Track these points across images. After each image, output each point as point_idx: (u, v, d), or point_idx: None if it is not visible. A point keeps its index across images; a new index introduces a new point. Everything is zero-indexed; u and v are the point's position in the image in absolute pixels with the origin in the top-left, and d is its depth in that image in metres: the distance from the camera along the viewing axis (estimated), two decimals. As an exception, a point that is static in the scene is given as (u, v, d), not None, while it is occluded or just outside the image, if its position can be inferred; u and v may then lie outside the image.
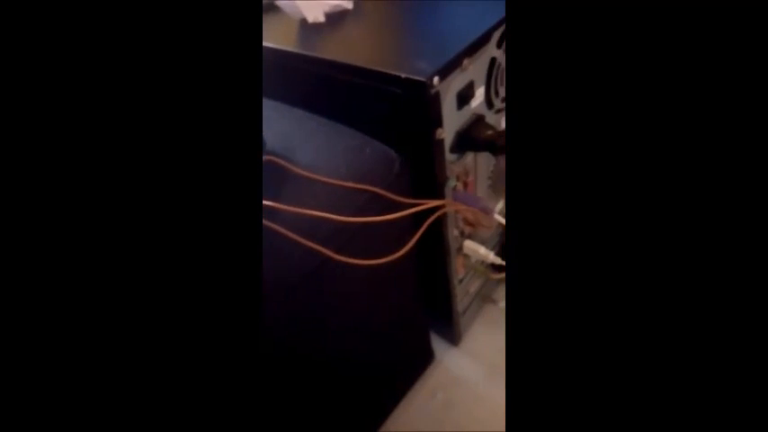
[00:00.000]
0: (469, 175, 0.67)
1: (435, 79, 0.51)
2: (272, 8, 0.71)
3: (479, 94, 0.61)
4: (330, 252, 0.48)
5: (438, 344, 0.89)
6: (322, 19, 0.66)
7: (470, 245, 0.73)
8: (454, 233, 0.70)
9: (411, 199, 0.56)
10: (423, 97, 0.52)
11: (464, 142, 0.60)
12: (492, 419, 0.79)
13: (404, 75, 0.53)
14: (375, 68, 0.55)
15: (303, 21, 0.67)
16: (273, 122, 0.61)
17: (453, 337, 0.88)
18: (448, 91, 0.54)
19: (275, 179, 0.52)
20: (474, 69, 0.57)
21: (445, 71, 0.53)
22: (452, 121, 0.58)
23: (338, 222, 0.48)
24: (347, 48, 0.62)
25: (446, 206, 0.60)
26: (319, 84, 0.63)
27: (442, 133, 0.56)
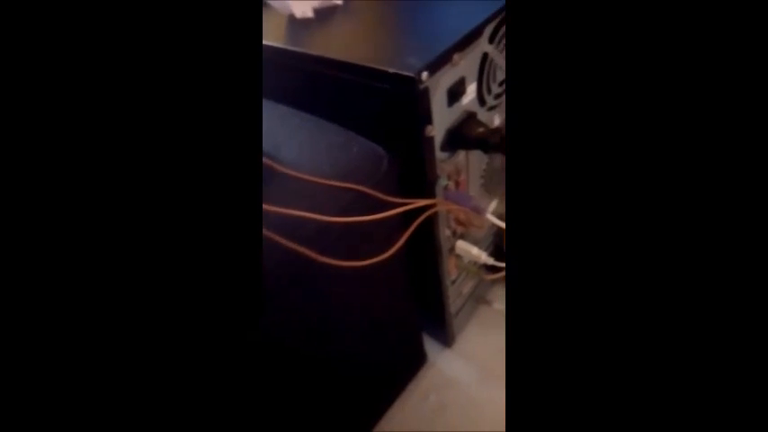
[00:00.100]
0: (461, 174, 0.64)
1: (424, 74, 0.49)
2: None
3: (471, 91, 0.58)
4: (312, 253, 0.45)
5: (431, 345, 0.87)
6: (311, 14, 0.64)
7: (463, 245, 0.71)
8: (446, 233, 0.67)
9: (400, 198, 0.54)
10: (411, 93, 0.50)
11: (455, 140, 0.58)
12: (485, 422, 0.77)
13: (392, 70, 0.50)
14: (362, 64, 0.53)
15: (291, 16, 0.65)
16: (258, 119, 0.58)
17: (446, 339, 0.85)
18: (438, 87, 0.52)
19: (258, 178, 0.50)
20: (465, 65, 0.55)
21: (435, 66, 0.50)
22: (443, 119, 0.55)
23: (321, 222, 0.46)
24: (335, 43, 0.59)
25: (436, 206, 0.58)
26: (307, 80, 0.61)
27: (432, 131, 0.53)
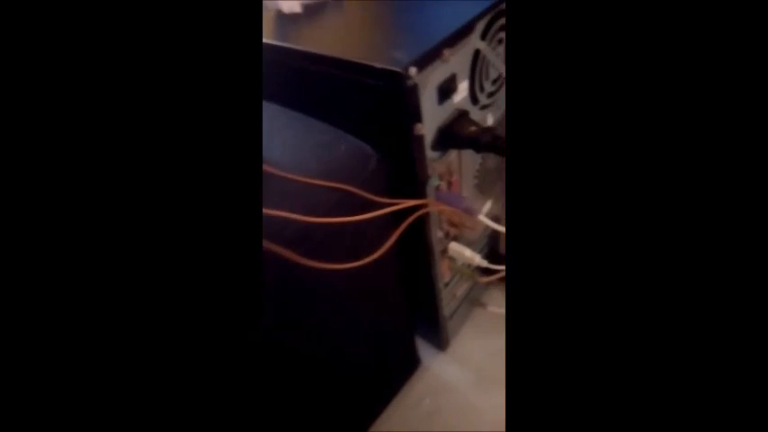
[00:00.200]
0: (453, 175, 0.62)
1: (412, 70, 0.47)
2: None
3: (463, 89, 0.56)
4: (295, 255, 0.43)
5: (425, 349, 0.84)
6: (298, 10, 0.61)
7: (456, 247, 0.68)
8: (438, 234, 0.65)
9: (389, 199, 0.51)
10: (399, 89, 0.47)
11: (446, 139, 0.55)
12: (480, 426, 0.74)
13: (379, 65, 0.48)
14: (349, 59, 0.50)
15: (279, 12, 0.62)
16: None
17: (441, 343, 0.83)
18: (427, 83, 0.49)
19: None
20: (456, 61, 0.52)
21: (424, 62, 0.48)
22: (433, 117, 0.53)
23: (305, 223, 0.43)
24: (322, 39, 0.57)
25: (427, 206, 0.56)
26: (294, 77, 0.58)
27: (422, 129, 0.51)
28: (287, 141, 0.52)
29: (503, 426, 0.73)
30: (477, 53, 0.55)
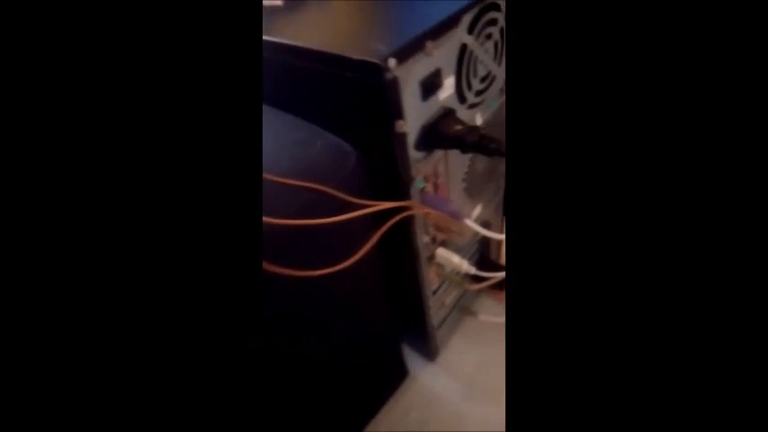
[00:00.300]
0: (440, 177, 0.58)
1: (392, 62, 0.43)
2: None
3: (449, 85, 0.52)
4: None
5: (413, 359, 0.80)
6: (279, 2, 0.58)
7: (443, 253, 0.64)
8: (424, 240, 0.61)
9: (368, 200, 0.48)
10: (378, 83, 0.44)
11: (431, 138, 0.51)
12: (470, 440, 0.71)
13: (356, 56, 0.44)
14: (324, 50, 0.46)
15: (258, 5, 0.59)
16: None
17: (429, 352, 0.79)
18: (409, 77, 0.46)
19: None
20: (440, 55, 0.49)
21: (404, 54, 0.44)
22: (416, 114, 0.49)
23: (271, 225, 0.39)
24: (301, 31, 0.53)
25: (410, 209, 0.52)
26: (270, 70, 0.55)
27: (404, 126, 0.47)
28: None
29: (491, 441, 0.69)
30: (463, 48, 0.52)
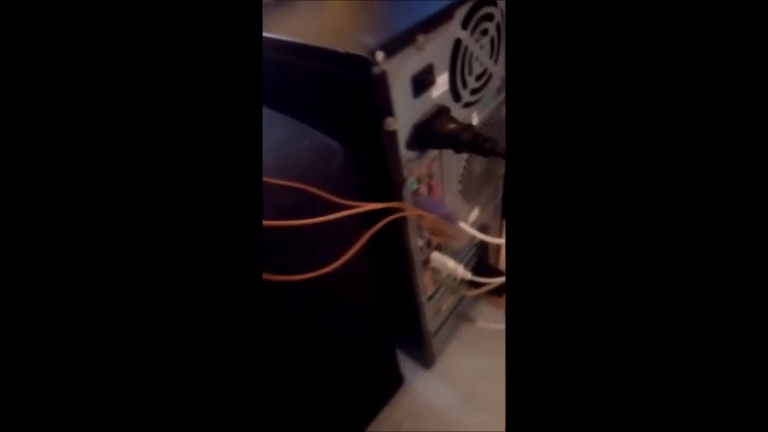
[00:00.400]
0: (434, 178, 0.55)
1: (379, 55, 0.40)
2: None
3: (442, 82, 0.49)
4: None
5: (409, 367, 0.77)
6: (268, -1, 0.56)
7: (438, 257, 0.61)
8: (418, 243, 0.58)
9: (357, 201, 0.45)
10: (366, 77, 0.41)
11: (423, 137, 0.49)
12: (467, 452, 0.68)
13: (342, 50, 0.41)
14: (309, 44, 0.44)
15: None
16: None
17: (425, 360, 0.76)
18: (399, 72, 0.43)
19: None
20: (433, 50, 0.46)
21: (393, 47, 0.41)
22: (408, 111, 0.46)
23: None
24: (290, 26, 0.50)
25: (401, 210, 0.49)
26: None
27: (394, 123, 0.44)
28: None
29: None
30: (457, 43, 0.49)
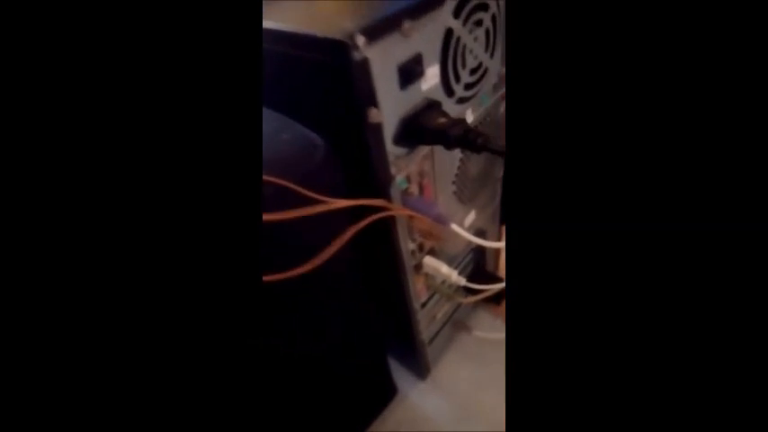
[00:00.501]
0: (425, 178, 0.52)
1: (360, 39, 0.37)
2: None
3: (432, 75, 0.46)
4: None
5: (403, 377, 0.73)
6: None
7: (431, 262, 0.58)
8: (409, 246, 0.55)
9: (339, 198, 0.41)
10: (346, 64, 0.38)
11: (412, 132, 0.45)
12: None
13: (320, 34, 0.38)
14: (288, 30, 0.41)
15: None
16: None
17: (420, 370, 0.72)
18: (383, 60, 0.40)
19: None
20: (421, 39, 0.43)
21: (376, 32, 0.38)
22: (394, 103, 0.43)
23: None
24: (271, 13, 0.48)
25: (387, 209, 0.45)
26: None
27: (378, 115, 0.41)
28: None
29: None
30: (449, 33, 0.45)
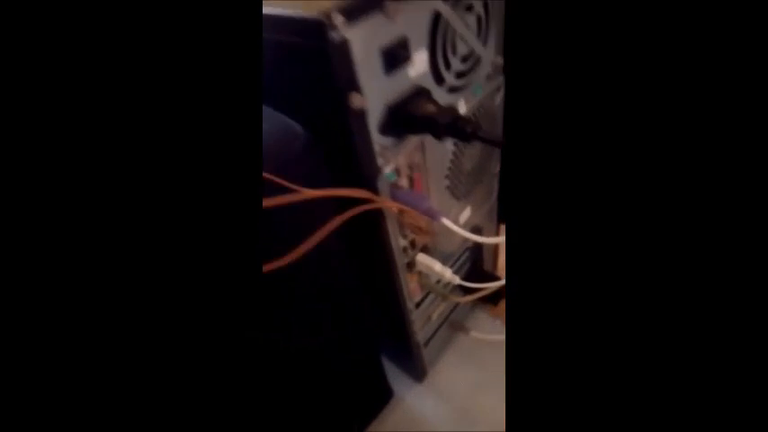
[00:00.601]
0: (415, 170, 0.49)
1: (338, 18, 0.34)
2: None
3: (420, 60, 0.43)
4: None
5: (399, 379, 0.70)
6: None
7: (424, 259, 0.55)
8: (400, 243, 0.52)
9: (319, 189, 0.39)
10: (324, 45, 0.35)
11: (399, 121, 0.43)
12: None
13: (296, 14, 0.36)
14: (264, 12, 0.38)
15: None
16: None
17: (417, 372, 0.69)
18: (365, 42, 0.37)
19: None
20: (407, 22, 0.40)
21: (356, 12, 0.35)
22: (379, 89, 0.40)
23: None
24: None
25: (371, 201, 0.43)
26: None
27: (361, 101, 0.38)
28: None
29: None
30: (437, 17, 0.43)
